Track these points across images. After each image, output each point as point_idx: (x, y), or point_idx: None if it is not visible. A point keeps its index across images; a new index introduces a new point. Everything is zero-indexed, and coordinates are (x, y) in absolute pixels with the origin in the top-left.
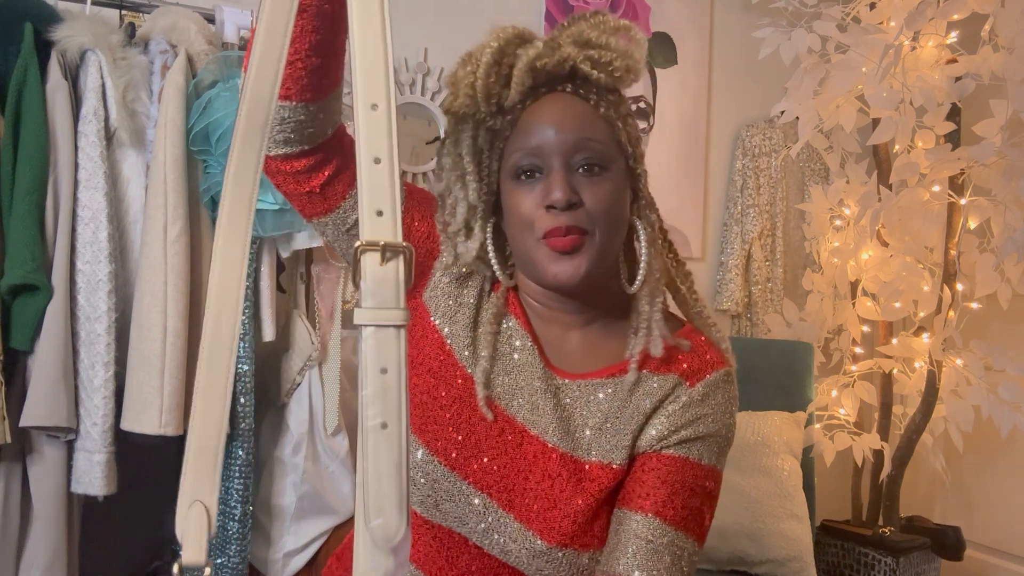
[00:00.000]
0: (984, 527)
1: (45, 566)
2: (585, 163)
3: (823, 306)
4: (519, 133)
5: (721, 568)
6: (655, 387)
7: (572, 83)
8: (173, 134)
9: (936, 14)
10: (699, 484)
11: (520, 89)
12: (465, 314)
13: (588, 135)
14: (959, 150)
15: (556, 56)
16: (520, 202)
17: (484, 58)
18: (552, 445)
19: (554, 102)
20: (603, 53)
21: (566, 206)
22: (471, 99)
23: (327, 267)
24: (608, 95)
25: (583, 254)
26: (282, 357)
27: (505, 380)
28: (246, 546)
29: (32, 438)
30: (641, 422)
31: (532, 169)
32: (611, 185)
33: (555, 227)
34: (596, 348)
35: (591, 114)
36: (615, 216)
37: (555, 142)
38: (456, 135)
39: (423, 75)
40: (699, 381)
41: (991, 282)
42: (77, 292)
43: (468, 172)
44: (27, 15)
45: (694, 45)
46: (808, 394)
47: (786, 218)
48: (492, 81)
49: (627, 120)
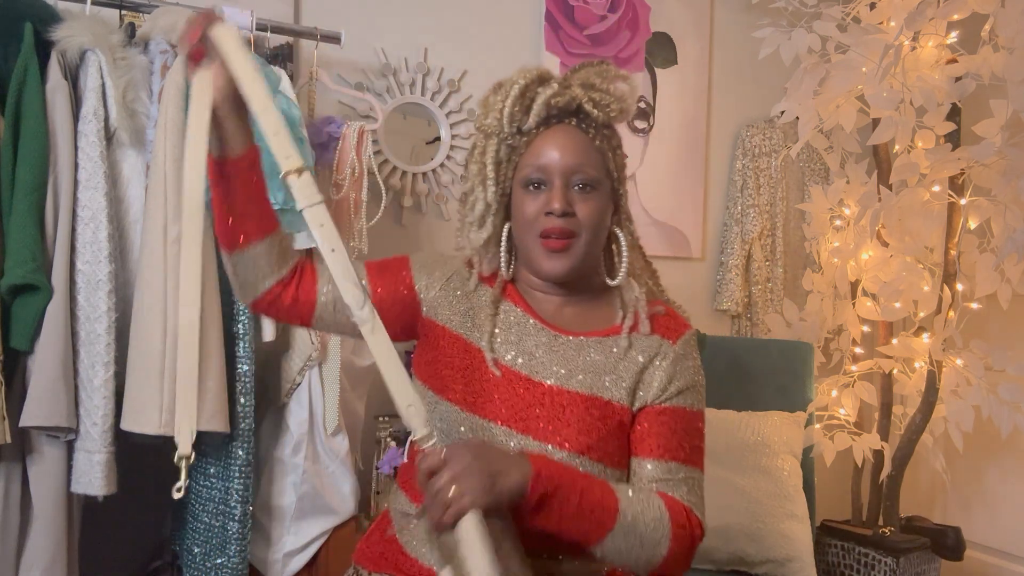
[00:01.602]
0: (984, 527)
1: (45, 566)
2: (580, 183)
3: (823, 306)
4: (532, 152)
5: (721, 568)
6: (645, 345)
7: (577, 118)
8: (173, 134)
9: (936, 14)
10: (695, 427)
11: (537, 119)
12: (463, 306)
13: (584, 162)
14: (959, 150)
15: (567, 96)
16: (527, 206)
17: (512, 91)
18: (556, 385)
19: (561, 132)
20: (604, 97)
21: (562, 214)
22: (498, 121)
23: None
24: (604, 130)
25: (570, 254)
26: (282, 357)
27: (509, 346)
28: (246, 546)
29: (32, 438)
30: (636, 372)
31: (539, 182)
32: (598, 202)
33: (551, 227)
34: (588, 316)
35: (588, 145)
36: (598, 226)
37: (559, 164)
38: (483, 146)
39: (423, 75)
40: (679, 338)
41: (991, 282)
42: (77, 292)
43: (489, 177)
44: (27, 15)
45: (694, 45)
46: (808, 394)
47: (786, 218)
48: (516, 109)
49: (616, 152)
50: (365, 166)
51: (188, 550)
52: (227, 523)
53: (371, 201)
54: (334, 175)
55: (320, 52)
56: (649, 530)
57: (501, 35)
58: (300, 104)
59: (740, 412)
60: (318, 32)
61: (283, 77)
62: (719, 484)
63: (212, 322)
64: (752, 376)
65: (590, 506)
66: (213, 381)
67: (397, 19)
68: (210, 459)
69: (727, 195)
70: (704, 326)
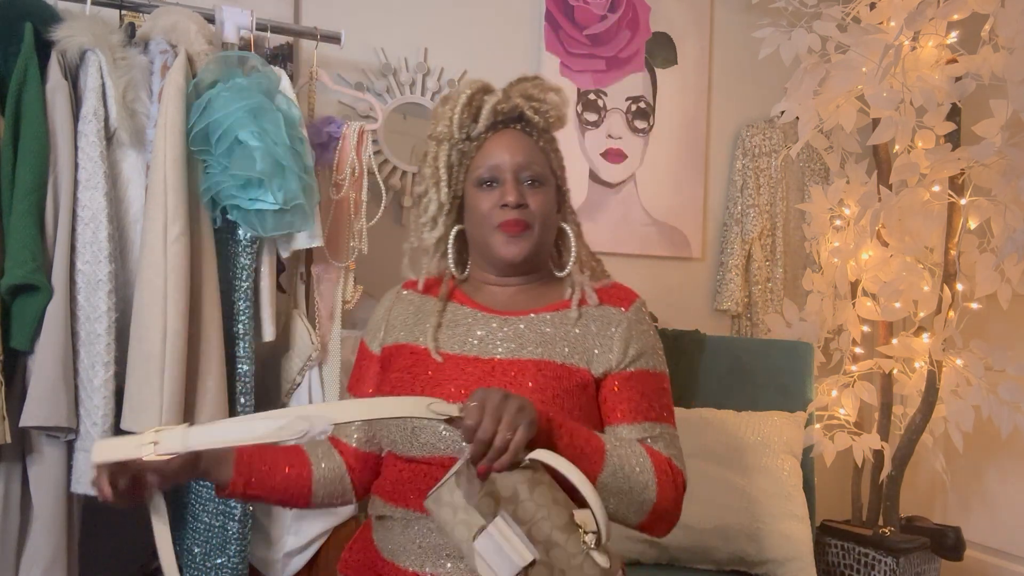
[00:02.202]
0: (984, 527)
1: (45, 566)
2: (529, 178)
3: (823, 306)
4: (483, 155)
5: (721, 568)
6: (597, 314)
7: (520, 123)
8: (173, 134)
9: (936, 14)
10: (662, 387)
11: (485, 124)
12: (409, 319)
13: (531, 160)
14: (959, 150)
15: (510, 103)
16: (481, 203)
17: (461, 100)
18: (506, 357)
19: (508, 135)
20: (542, 105)
21: (516, 205)
22: (448, 128)
23: (327, 267)
24: (544, 134)
25: (526, 239)
26: (282, 357)
27: (453, 334)
28: (246, 546)
29: (32, 438)
30: (591, 338)
31: (491, 180)
32: (547, 195)
33: (507, 220)
34: (538, 295)
35: (533, 146)
36: (548, 217)
37: (509, 162)
38: (436, 152)
39: (423, 75)
40: (631, 305)
41: (991, 282)
42: (77, 292)
43: (442, 179)
44: (27, 15)
45: (694, 45)
46: (808, 394)
47: (786, 218)
48: (465, 116)
49: (557, 154)
50: (365, 166)
51: (188, 550)
52: (227, 523)
53: (371, 201)
54: (334, 175)
55: (320, 52)
56: (635, 473)
57: (501, 35)
58: (300, 104)
59: (740, 412)
60: (318, 32)
61: (283, 77)
62: (719, 484)
63: (212, 322)
64: (752, 376)
65: (581, 441)
66: (213, 381)
67: (397, 19)
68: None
69: (727, 195)
70: (704, 326)
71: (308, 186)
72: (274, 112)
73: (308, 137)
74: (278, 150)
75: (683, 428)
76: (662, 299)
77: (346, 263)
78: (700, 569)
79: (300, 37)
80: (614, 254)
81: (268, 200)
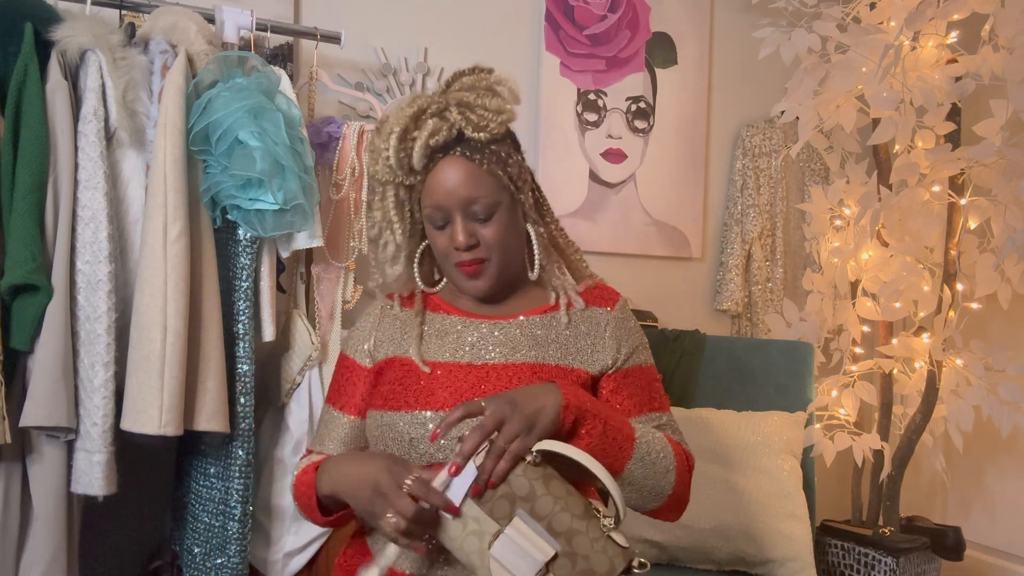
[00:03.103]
0: (984, 527)
1: (45, 566)
2: (479, 211)
3: (823, 306)
4: (428, 192)
5: (721, 568)
6: (585, 316)
7: (461, 144)
8: (173, 134)
9: (936, 14)
10: (654, 378)
11: (422, 161)
12: (395, 332)
13: (477, 193)
14: (959, 150)
15: (444, 128)
16: (436, 241)
17: (392, 140)
18: (500, 361)
19: (449, 167)
20: (482, 116)
21: (466, 248)
22: (388, 168)
23: (327, 267)
24: (491, 146)
25: (486, 275)
26: (282, 357)
27: (443, 343)
28: (246, 546)
29: (32, 438)
30: (581, 339)
31: (442, 221)
32: (500, 223)
33: (460, 261)
34: (524, 299)
35: (477, 172)
36: (507, 241)
37: (453, 200)
38: (382, 194)
39: (423, 75)
40: (615, 304)
41: (991, 282)
42: (77, 292)
43: (395, 221)
44: (27, 15)
45: (694, 45)
46: (808, 394)
47: (786, 218)
48: (402, 156)
49: (508, 163)
50: (365, 166)
51: (188, 550)
52: (227, 523)
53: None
54: (334, 175)
55: (320, 52)
56: (660, 458)
57: (501, 35)
58: (300, 104)
59: (740, 412)
60: (318, 32)
61: (283, 77)
62: (719, 484)
63: (212, 322)
64: (752, 376)
65: (614, 430)
66: (213, 381)
67: (397, 19)
68: (210, 459)
69: (727, 195)
70: (704, 326)
71: (308, 186)
72: (274, 112)
73: (308, 137)
74: (278, 150)
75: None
76: (662, 299)
77: (346, 263)
78: (700, 569)
79: (300, 37)
80: (614, 254)
81: (268, 200)
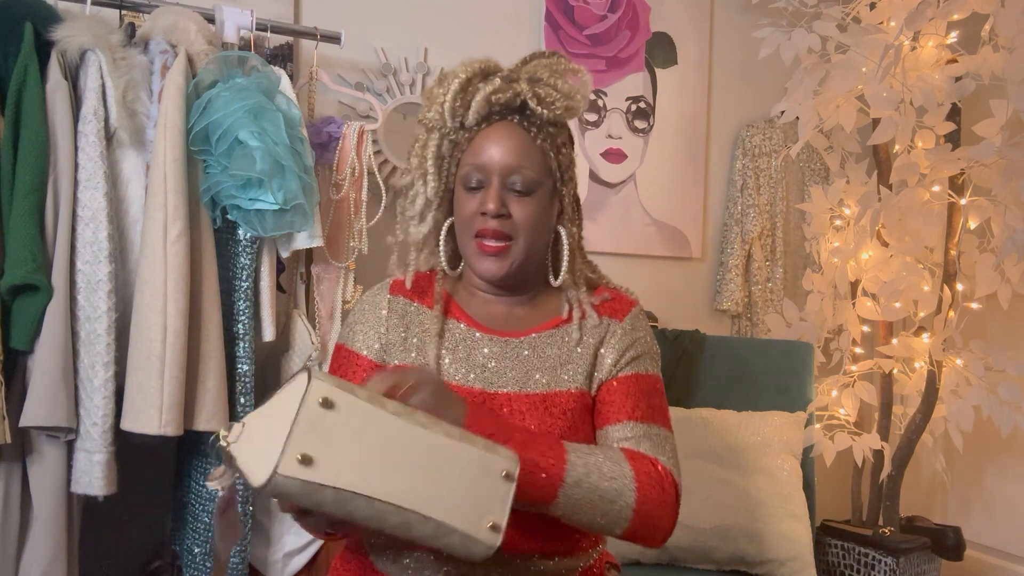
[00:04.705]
0: (984, 527)
1: (45, 566)
2: (518, 183)
3: (823, 306)
4: (472, 150)
5: (721, 568)
6: (595, 330)
7: (520, 114)
8: (173, 134)
9: (936, 14)
10: (654, 388)
11: (477, 116)
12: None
13: (523, 163)
14: (959, 150)
15: (510, 92)
16: (465, 205)
17: (453, 86)
18: (513, 391)
19: (502, 130)
20: (550, 93)
21: (495, 215)
22: (440, 115)
23: (327, 267)
24: (548, 128)
25: (506, 257)
26: (282, 357)
27: (459, 364)
28: (246, 546)
29: (32, 438)
30: (591, 357)
31: (477, 183)
32: (536, 204)
33: (485, 228)
34: (536, 311)
35: (529, 144)
36: (537, 228)
37: (496, 164)
38: (424, 141)
39: (423, 75)
40: (625, 316)
41: (991, 282)
42: (77, 292)
43: (429, 172)
44: (27, 15)
45: (694, 45)
46: (808, 394)
47: (786, 218)
48: (457, 105)
49: (561, 150)
50: (365, 166)
51: (188, 550)
52: None
53: (371, 201)
54: (334, 175)
55: (320, 52)
56: (607, 480)
57: (501, 35)
58: (300, 104)
59: (740, 412)
60: (318, 32)
61: (283, 77)
62: (719, 484)
63: (212, 322)
64: (752, 376)
65: (533, 456)
66: (213, 381)
67: (397, 19)
68: (210, 459)
69: (727, 195)
70: (704, 326)
71: (308, 186)
72: (274, 112)
73: (308, 137)
74: (278, 150)
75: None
76: (662, 299)
77: (346, 263)
78: (700, 569)
79: (300, 37)
80: (614, 254)
81: (268, 200)
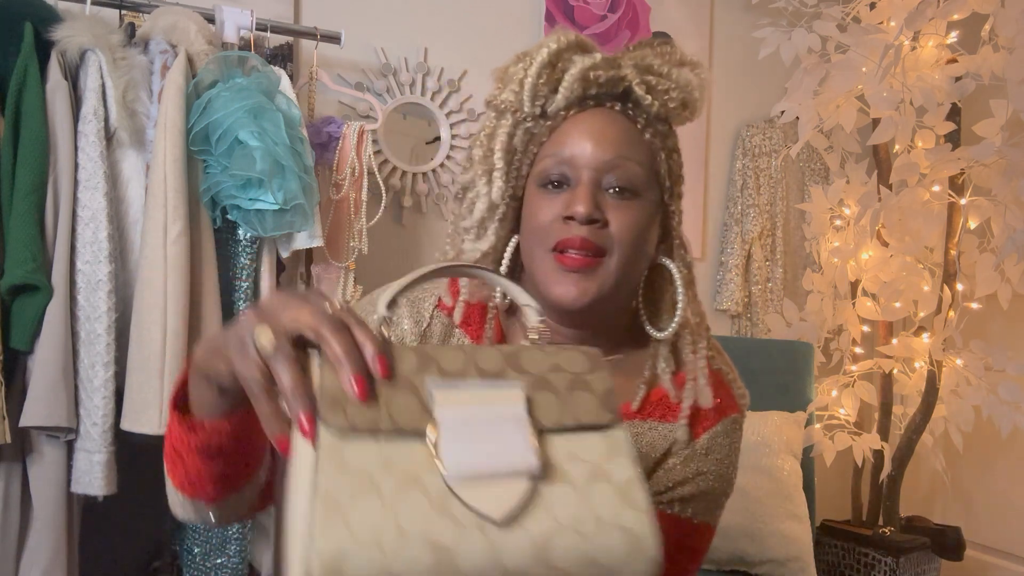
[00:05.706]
0: (984, 527)
1: (45, 566)
2: (616, 184)
3: (823, 306)
4: (556, 140)
5: (721, 568)
6: (659, 437)
7: (623, 103)
8: (173, 134)
9: (936, 14)
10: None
11: (568, 95)
12: None
13: (626, 155)
14: (959, 150)
15: (612, 72)
16: (540, 210)
17: (539, 57)
18: None
19: (599, 116)
20: (662, 81)
21: (586, 220)
22: (516, 95)
23: (327, 267)
24: (658, 124)
25: (595, 278)
26: None
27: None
28: (246, 546)
29: (32, 438)
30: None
31: (560, 179)
32: (640, 212)
33: (569, 238)
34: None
35: (635, 135)
36: (638, 245)
37: (590, 156)
38: (493, 128)
39: (423, 75)
40: (705, 431)
41: (991, 282)
42: (77, 292)
43: (496, 168)
44: (27, 15)
45: (694, 45)
46: (808, 394)
47: (786, 218)
48: (542, 82)
49: (672, 155)
50: (365, 166)
51: (188, 550)
52: None
53: (371, 201)
54: (334, 175)
55: (320, 52)
56: None
57: (501, 35)
58: (300, 104)
59: None
60: (318, 32)
61: (283, 77)
62: None
63: (212, 322)
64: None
65: None
66: None
67: (397, 19)
68: None
69: (727, 195)
70: None
71: (308, 186)
72: (274, 112)
73: (308, 137)
74: (278, 150)
75: None
76: None
77: (346, 263)
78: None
79: (300, 37)
80: None
81: (268, 200)
